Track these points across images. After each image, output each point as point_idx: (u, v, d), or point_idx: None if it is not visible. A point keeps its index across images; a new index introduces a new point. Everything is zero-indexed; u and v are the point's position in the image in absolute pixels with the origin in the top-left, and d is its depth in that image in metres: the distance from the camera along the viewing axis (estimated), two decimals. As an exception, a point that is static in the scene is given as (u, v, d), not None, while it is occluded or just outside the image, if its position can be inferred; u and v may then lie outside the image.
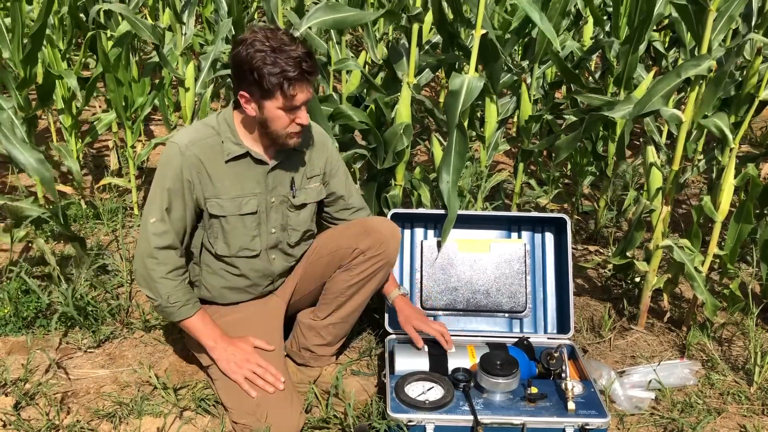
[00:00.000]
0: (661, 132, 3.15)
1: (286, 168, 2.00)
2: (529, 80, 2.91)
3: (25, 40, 2.67)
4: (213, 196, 1.92)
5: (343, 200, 2.15)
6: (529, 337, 2.16)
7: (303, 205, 2.06)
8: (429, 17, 3.16)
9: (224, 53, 3.36)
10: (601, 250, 3.08)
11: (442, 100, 4.40)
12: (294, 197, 2.03)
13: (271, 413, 1.82)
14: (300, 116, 1.84)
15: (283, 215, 2.04)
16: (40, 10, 2.61)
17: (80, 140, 3.32)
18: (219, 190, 1.92)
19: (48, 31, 2.89)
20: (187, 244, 2.01)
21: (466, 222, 2.31)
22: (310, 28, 2.31)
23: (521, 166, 2.96)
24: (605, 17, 3.42)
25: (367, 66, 3.29)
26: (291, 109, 1.81)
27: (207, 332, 1.97)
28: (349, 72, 2.95)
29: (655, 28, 3.10)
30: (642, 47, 2.71)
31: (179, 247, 1.94)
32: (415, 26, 2.37)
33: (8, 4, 3.23)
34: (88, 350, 2.27)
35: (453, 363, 2.00)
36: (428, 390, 1.90)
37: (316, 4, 3.93)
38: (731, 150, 2.25)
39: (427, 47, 3.08)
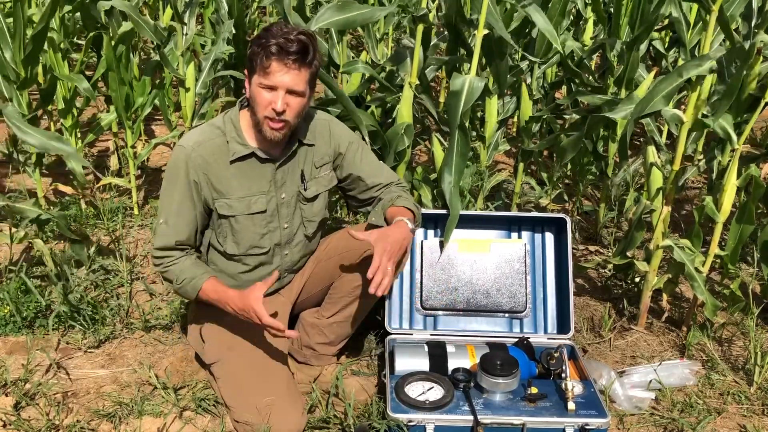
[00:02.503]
0: (661, 132, 3.15)
1: (293, 162, 2.00)
2: (529, 80, 2.92)
3: (27, 40, 2.67)
4: (221, 197, 1.93)
5: (361, 180, 2.10)
6: (529, 337, 2.16)
7: (315, 197, 2.06)
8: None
9: (225, 54, 3.36)
10: (601, 250, 3.08)
11: (442, 99, 4.40)
12: (306, 190, 2.03)
13: (273, 413, 1.82)
14: (275, 100, 1.80)
15: (296, 209, 2.03)
16: (44, 11, 2.61)
17: (80, 140, 3.32)
18: (227, 190, 1.93)
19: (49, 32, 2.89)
20: (198, 242, 2.03)
21: (466, 222, 2.31)
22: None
23: (521, 166, 2.96)
24: (606, 16, 3.42)
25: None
26: (268, 88, 1.80)
27: (223, 299, 1.91)
28: (349, 73, 2.95)
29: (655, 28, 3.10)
30: (643, 47, 2.71)
31: (184, 248, 1.97)
32: (420, 26, 2.37)
33: (9, 4, 3.23)
34: (88, 350, 2.27)
35: (453, 363, 2.00)
36: (428, 390, 1.90)
37: (316, 3, 3.92)
38: (734, 151, 2.25)
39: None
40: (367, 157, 2.12)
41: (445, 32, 2.71)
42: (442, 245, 2.28)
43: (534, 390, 1.88)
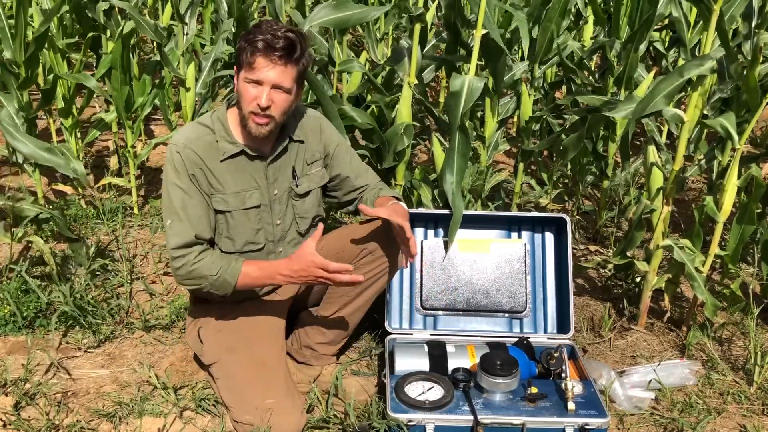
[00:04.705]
0: (661, 132, 3.14)
1: (284, 159, 2.00)
2: (529, 80, 2.91)
3: (29, 41, 2.68)
4: (216, 192, 1.93)
5: (349, 181, 2.13)
6: (529, 337, 2.16)
7: (307, 193, 2.06)
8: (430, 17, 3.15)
9: (225, 53, 3.36)
10: (601, 250, 3.08)
11: (442, 100, 4.40)
12: (297, 186, 2.03)
13: (273, 413, 1.82)
14: (260, 95, 1.80)
15: (288, 205, 2.04)
16: (48, 14, 2.62)
17: (80, 140, 3.33)
18: (222, 185, 1.93)
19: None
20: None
21: (466, 222, 2.30)
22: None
23: (521, 166, 2.96)
24: (605, 16, 3.42)
25: (367, 65, 3.29)
26: (253, 83, 1.80)
27: (269, 272, 1.91)
28: (349, 72, 2.96)
29: (655, 28, 3.10)
30: (643, 47, 2.71)
31: (202, 242, 1.92)
32: (417, 26, 2.38)
33: (9, 4, 3.23)
34: (88, 350, 2.27)
35: (453, 363, 2.00)
36: (428, 390, 1.90)
37: (316, 2, 3.93)
38: (735, 151, 2.25)
39: (430, 45, 3.08)
40: (354, 159, 2.15)
41: (444, 33, 2.71)
42: (444, 245, 2.28)
43: (534, 390, 1.88)
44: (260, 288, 2.06)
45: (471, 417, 1.80)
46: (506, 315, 2.28)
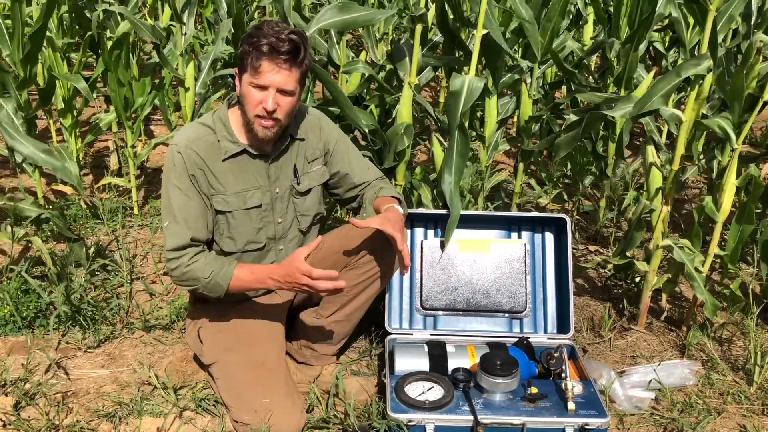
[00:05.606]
0: (660, 132, 3.15)
1: (286, 157, 2.01)
2: (529, 80, 2.91)
3: (25, 40, 2.67)
4: (217, 192, 1.93)
5: (349, 178, 2.12)
6: (529, 337, 2.16)
7: (308, 191, 2.06)
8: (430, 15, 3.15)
9: (224, 53, 3.36)
10: (601, 250, 3.08)
11: (442, 100, 4.40)
12: (298, 184, 2.03)
13: (273, 413, 1.82)
14: (265, 99, 1.80)
15: (290, 203, 2.04)
16: (41, 11, 2.62)
17: (80, 140, 3.32)
18: (223, 186, 1.93)
19: (48, 32, 2.88)
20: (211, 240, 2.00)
21: (466, 222, 2.31)
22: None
23: (521, 166, 2.95)
24: (606, 16, 3.42)
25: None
26: (259, 87, 1.80)
27: (260, 277, 1.91)
28: (349, 72, 2.96)
29: (655, 28, 3.10)
30: (642, 47, 2.71)
31: (199, 245, 1.92)
32: (419, 26, 2.38)
33: (8, 4, 3.23)
34: (88, 350, 2.27)
35: (453, 363, 2.00)
36: (428, 390, 1.90)
37: (315, 3, 3.93)
38: (733, 150, 2.25)
39: (426, 48, 3.08)
40: (354, 155, 2.15)
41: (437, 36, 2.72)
42: (442, 245, 2.28)
43: (534, 390, 1.88)
44: (255, 291, 2.06)
45: (471, 417, 1.80)
46: (506, 315, 2.28)
